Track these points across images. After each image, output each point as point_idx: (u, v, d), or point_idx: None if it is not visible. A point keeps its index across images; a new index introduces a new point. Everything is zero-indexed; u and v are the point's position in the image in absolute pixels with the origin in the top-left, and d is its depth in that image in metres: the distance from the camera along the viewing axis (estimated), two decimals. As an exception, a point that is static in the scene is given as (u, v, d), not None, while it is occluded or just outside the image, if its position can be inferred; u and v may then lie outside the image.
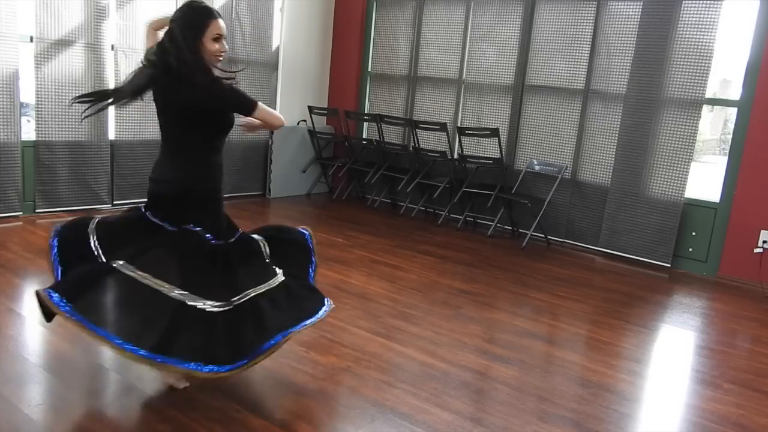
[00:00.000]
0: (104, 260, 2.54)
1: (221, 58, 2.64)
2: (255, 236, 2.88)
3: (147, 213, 2.69)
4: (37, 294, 2.33)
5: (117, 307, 2.38)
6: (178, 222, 2.64)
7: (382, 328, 3.57)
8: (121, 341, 2.27)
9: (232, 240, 2.74)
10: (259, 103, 2.67)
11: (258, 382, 2.86)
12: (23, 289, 3.83)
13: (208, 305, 2.46)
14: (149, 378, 2.80)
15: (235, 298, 2.54)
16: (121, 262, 2.47)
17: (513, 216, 6.18)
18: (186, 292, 2.44)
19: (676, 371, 3.49)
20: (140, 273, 2.45)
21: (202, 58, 2.57)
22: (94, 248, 2.59)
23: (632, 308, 4.37)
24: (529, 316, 4.04)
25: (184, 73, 2.52)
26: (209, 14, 2.59)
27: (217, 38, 2.59)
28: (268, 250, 2.85)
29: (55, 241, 2.60)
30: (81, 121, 2.70)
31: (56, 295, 2.31)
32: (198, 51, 2.56)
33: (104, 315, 2.34)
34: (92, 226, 2.64)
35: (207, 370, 2.36)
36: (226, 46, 2.65)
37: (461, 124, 6.46)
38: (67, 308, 2.29)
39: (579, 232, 5.92)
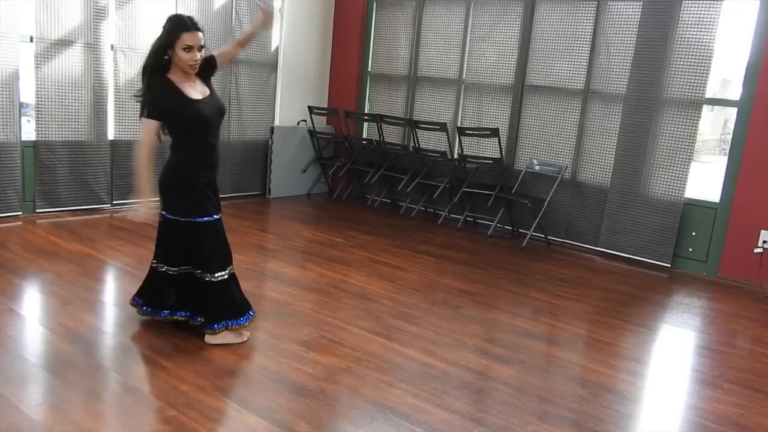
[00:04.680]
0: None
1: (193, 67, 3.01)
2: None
3: None
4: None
5: None
6: None
7: (382, 328, 3.57)
8: None
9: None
10: (145, 120, 3.01)
11: (258, 382, 2.86)
12: (23, 289, 3.83)
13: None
14: (149, 378, 2.81)
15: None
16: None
17: (513, 216, 6.18)
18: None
19: (676, 371, 3.49)
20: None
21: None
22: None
23: (632, 308, 4.37)
24: (529, 316, 4.04)
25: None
26: (183, 27, 2.96)
27: (187, 48, 2.95)
28: None
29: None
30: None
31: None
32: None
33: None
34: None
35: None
36: (198, 56, 2.99)
37: (461, 124, 6.46)
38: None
39: (579, 232, 5.92)
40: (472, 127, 6.21)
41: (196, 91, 3.07)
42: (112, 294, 4.03)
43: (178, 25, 2.94)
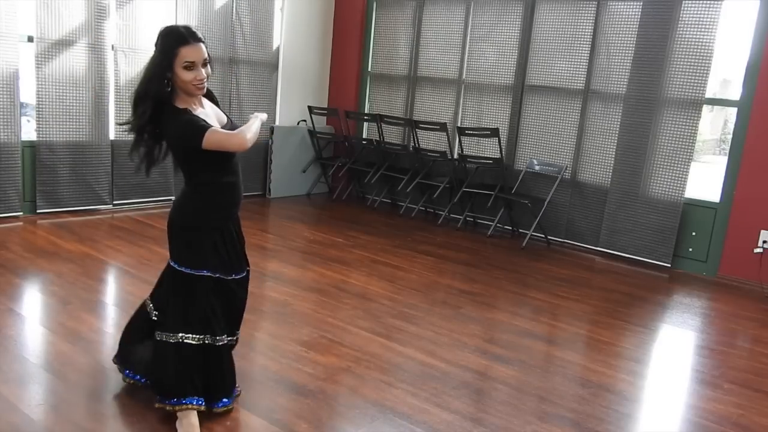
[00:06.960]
0: None
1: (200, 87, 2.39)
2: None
3: None
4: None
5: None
6: None
7: (382, 328, 3.57)
8: None
9: None
10: (210, 133, 2.38)
11: (258, 382, 2.86)
12: (23, 289, 3.83)
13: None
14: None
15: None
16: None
17: (513, 216, 6.18)
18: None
19: (676, 371, 3.50)
20: None
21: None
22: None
23: (632, 308, 4.37)
24: (529, 316, 4.04)
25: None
26: (180, 40, 2.32)
27: (189, 66, 2.32)
28: None
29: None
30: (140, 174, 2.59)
31: None
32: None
33: None
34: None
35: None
36: (203, 74, 2.37)
37: (461, 124, 6.46)
38: None
39: (579, 232, 5.92)
40: (472, 127, 6.21)
41: (211, 118, 2.46)
42: (112, 294, 4.04)
43: (173, 40, 2.31)
